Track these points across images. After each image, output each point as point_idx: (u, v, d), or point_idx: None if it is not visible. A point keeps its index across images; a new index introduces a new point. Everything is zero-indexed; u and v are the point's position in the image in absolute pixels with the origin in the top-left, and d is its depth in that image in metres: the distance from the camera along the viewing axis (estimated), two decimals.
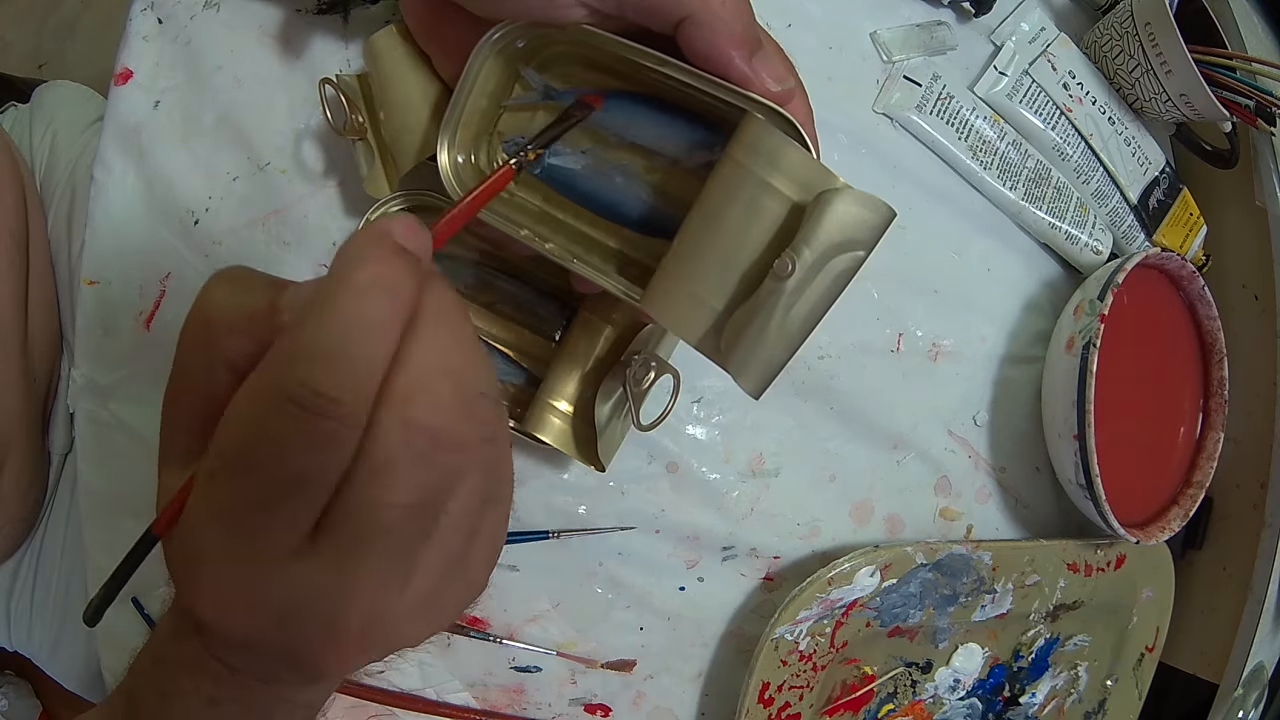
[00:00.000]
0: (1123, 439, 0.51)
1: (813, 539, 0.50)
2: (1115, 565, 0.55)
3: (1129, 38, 0.53)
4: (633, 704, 0.48)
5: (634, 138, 0.34)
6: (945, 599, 0.50)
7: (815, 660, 0.48)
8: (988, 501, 0.54)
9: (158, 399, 0.45)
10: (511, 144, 0.35)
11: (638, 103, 0.33)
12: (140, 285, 0.45)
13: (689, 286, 0.29)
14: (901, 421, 0.51)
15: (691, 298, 0.29)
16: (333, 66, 0.45)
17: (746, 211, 0.28)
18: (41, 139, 0.58)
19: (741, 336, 0.28)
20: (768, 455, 0.48)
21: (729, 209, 0.28)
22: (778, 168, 0.27)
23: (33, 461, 0.53)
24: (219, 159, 0.45)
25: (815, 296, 0.28)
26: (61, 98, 0.62)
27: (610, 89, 0.34)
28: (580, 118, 0.32)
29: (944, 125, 0.51)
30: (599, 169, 0.34)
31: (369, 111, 0.41)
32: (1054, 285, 0.56)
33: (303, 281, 0.23)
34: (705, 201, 0.29)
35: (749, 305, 0.28)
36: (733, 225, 0.28)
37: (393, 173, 0.40)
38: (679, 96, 0.32)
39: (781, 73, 0.29)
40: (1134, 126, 0.57)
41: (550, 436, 0.40)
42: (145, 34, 0.45)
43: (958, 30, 0.53)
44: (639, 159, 0.34)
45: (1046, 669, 0.56)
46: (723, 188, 0.29)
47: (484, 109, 0.34)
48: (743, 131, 0.29)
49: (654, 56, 0.30)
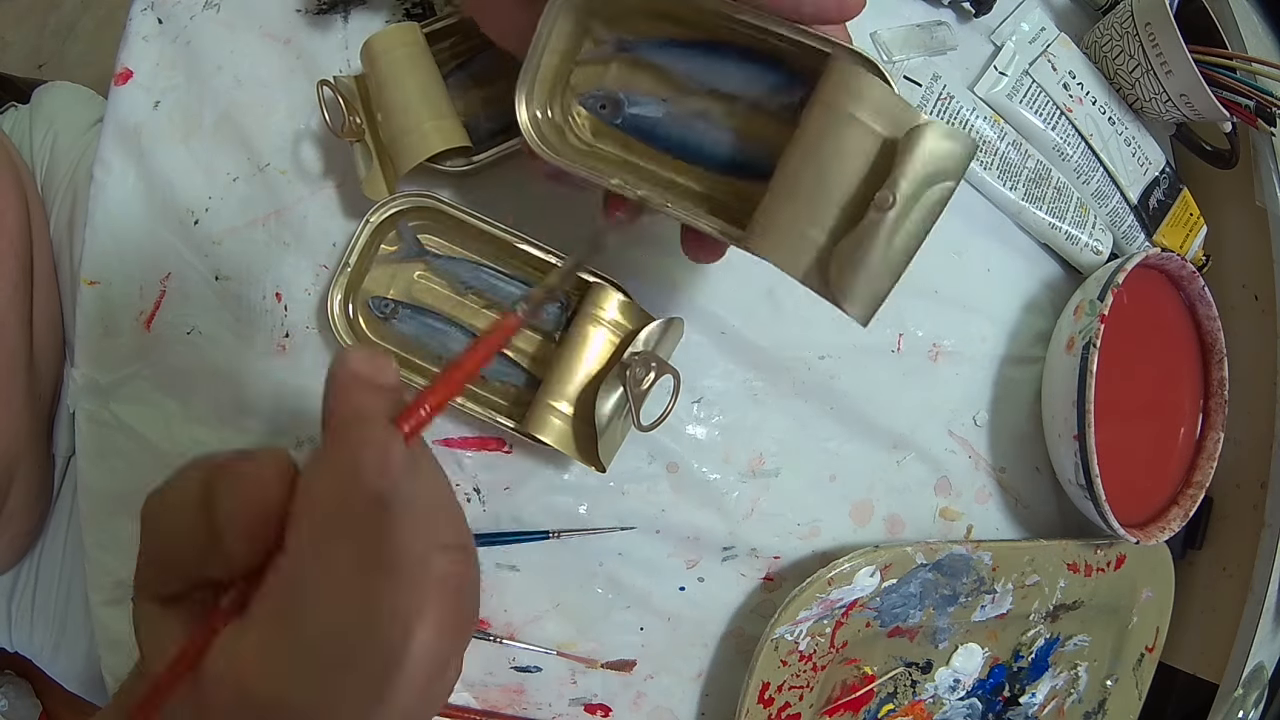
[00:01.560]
0: (1123, 439, 0.51)
1: (813, 539, 0.50)
2: (1115, 565, 0.55)
3: (1129, 38, 0.53)
4: (633, 704, 0.48)
5: (712, 84, 0.34)
6: (945, 599, 0.50)
7: (815, 660, 0.48)
8: (988, 502, 0.54)
9: (158, 399, 0.45)
10: (589, 98, 0.35)
11: (712, 50, 0.34)
12: (140, 285, 0.45)
13: (792, 223, 0.30)
14: (901, 422, 0.51)
15: (795, 233, 0.30)
16: (333, 66, 0.45)
17: (841, 149, 0.30)
18: (42, 142, 0.58)
19: (847, 267, 0.29)
20: (768, 455, 0.48)
21: (824, 148, 0.30)
22: (866, 106, 0.29)
23: (40, 475, 0.53)
24: (219, 159, 0.45)
25: (914, 226, 0.29)
26: (62, 100, 0.62)
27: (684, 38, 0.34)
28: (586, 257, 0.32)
29: None
30: (679, 116, 0.35)
31: (366, 113, 0.41)
32: (1054, 285, 0.56)
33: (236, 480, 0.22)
34: (800, 142, 0.31)
35: (853, 237, 0.29)
36: (829, 163, 0.30)
37: (391, 174, 0.41)
38: (751, 41, 0.33)
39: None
40: (1134, 126, 0.57)
41: (551, 437, 0.41)
42: (145, 34, 0.45)
43: (958, 30, 0.53)
44: (718, 104, 0.35)
45: (1046, 669, 0.56)
46: (817, 128, 0.30)
47: (556, 66, 0.34)
48: (831, 73, 0.30)
49: (728, 4, 0.31)
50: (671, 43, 0.34)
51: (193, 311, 0.45)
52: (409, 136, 0.39)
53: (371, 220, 0.41)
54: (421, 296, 0.44)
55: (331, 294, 0.41)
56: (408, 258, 0.43)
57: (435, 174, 0.42)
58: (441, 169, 0.41)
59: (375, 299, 0.43)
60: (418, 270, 0.44)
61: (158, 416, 0.45)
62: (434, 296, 0.44)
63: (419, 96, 0.39)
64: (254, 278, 0.45)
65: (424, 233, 0.44)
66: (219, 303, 0.45)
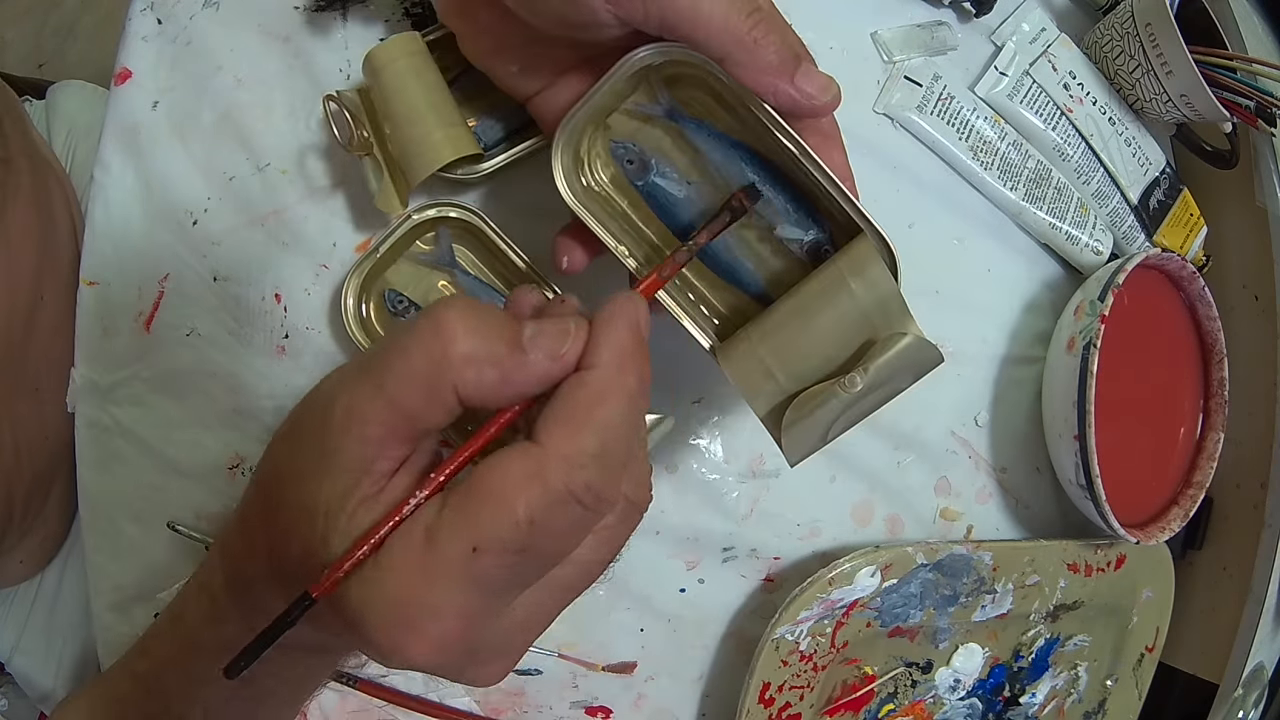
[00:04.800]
0: (1123, 439, 0.51)
1: (813, 539, 0.50)
2: (1115, 565, 0.55)
3: (1129, 38, 0.53)
4: (633, 706, 0.48)
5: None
6: (945, 599, 0.50)
7: (816, 660, 0.48)
8: (988, 502, 0.54)
9: (156, 401, 0.45)
10: (620, 147, 0.36)
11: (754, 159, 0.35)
12: (139, 286, 0.45)
13: (766, 360, 0.33)
14: (902, 422, 0.51)
15: (764, 370, 0.33)
16: (332, 66, 0.45)
17: (835, 318, 0.32)
18: (65, 143, 0.58)
19: (799, 421, 0.33)
20: (768, 455, 0.48)
21: (822, 312, 0.32)
22: (872, 293, 0.32)
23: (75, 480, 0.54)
24: (218, 159, 0.45)
25: (865, 408, 0.33)
26: (79, 101, 0.62)
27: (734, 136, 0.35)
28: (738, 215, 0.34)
29: (944, 125, 0.51)
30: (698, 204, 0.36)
31: (373, 126, 0.40)
32: (1054, 286, 0.56)
33: (543, 324, 0.25)
34: (801, 293, 0.33)
35: (811, 398, 0.32)
36: (820, 326, 0.32)
37: (403, 186, 0.40)
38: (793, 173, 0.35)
39: (824, 83, 0.31)
40: (1134, 127, 0.57)
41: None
42: (145, 34, 0.45)
43: (958, 30, 0.53)
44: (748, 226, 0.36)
45: (1046, 669, 0.56)
46: (820, 288, 0.33)
47: (602, 103, 0.35)
48: (854, 249, 0.32)
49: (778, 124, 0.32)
50: (720, 135, 0.35)
51: (192, 312, 0.45)
52: (420, 146, 0.39)
53: (415, 217, 0.41)
54: None
55: (350, 277, 0.41)
56: (438, 264, 0.43)
57: (446, 182, 0.42)
58: (452, 177, 0.41)
59: (392, 292, 0.43)
60: (442, 279, 0.44)
61: (156, 419, 0.45)
62: None
63: (427, 106, 0.39)
64: (253, 278, 0.45)
65: (459, 242, 0.43)
66: (218, 304, 0.45)
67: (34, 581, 0.58)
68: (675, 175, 0.36)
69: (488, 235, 0.42)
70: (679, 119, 0.35)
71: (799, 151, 0.32)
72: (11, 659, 0.58)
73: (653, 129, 0.36)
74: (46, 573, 0.57)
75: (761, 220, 0.35)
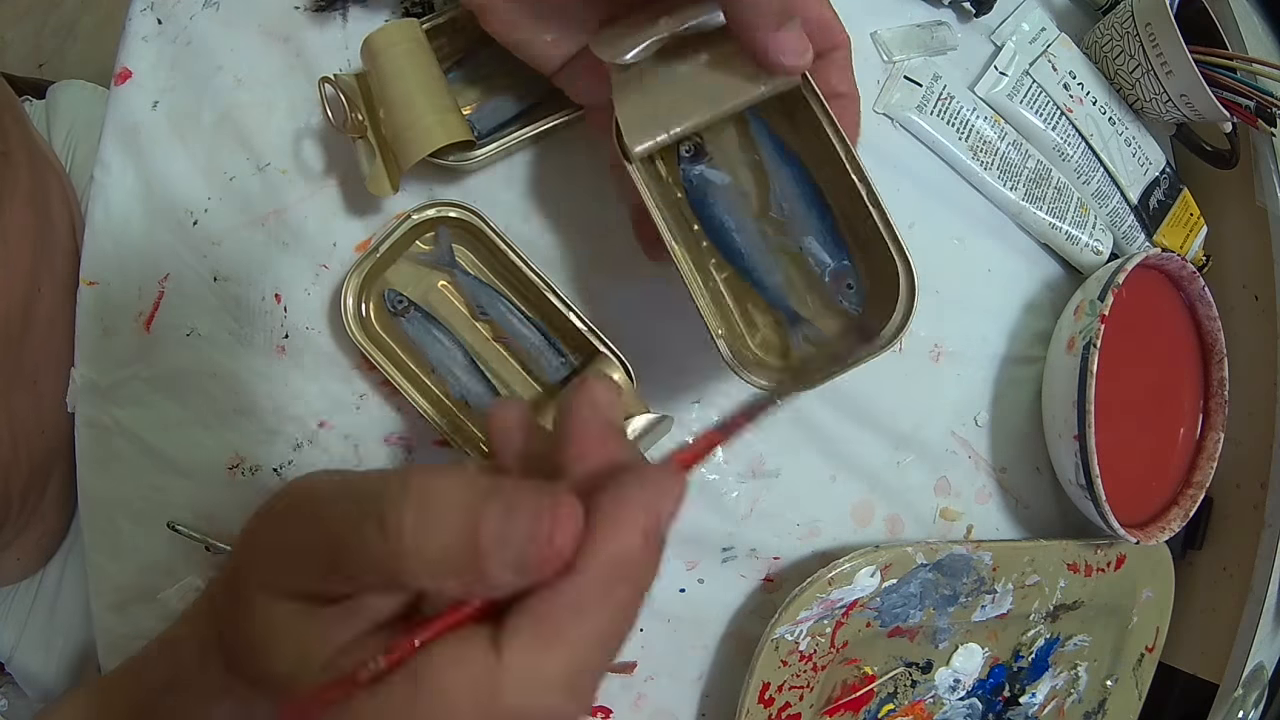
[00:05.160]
0: (1123, 439, 0.51)
1: (813, 539, 0.50)
2: (1115, 565, 0.55)
3: (1129, 38, 0.53)
4: (633, 706, 0.48)
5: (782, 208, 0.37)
6: (945, 599, 0.50)
7: (815, 660, 0.47)
8: (988, 502, 0.54)
9: (157, 402, 0.45)
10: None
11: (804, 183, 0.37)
12: (139, 286, 0.45)
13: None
14: (902, 422, 0.51)
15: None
16: (333, 65, 0.45)
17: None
18: (65, 143, 0.58)
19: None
20: (768, 455, 0.48)
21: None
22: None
23: (73, 476, 0.54)
24: (218, 159, 0.45)
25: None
26: (79, 101, 0.62)
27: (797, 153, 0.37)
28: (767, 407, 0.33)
29: (944, 125, 0.51)
30: (735, 203, 0.37)
31: (369, 110, 0.41)
32: (1054, 285, 0.56)
33: (513, 516, 0.21)
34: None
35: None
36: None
37: (394, 170, 0.40)
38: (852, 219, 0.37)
39: (800, 47, 0.31)
40: (1134, 127, 0.57)
41: None
42: (145, 34, 0.45)
43: (958, 30, 0.53)
44: (771, 225, 0.38)
45: (1046, 669, 0.56)
46: None
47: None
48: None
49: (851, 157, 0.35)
50: (782, 145, 0.36)
51: (192, 312, 0.45)
52: (412, 131, 0.39)
53: (415, 217, 0.41)
54: (437, 306, 0.44)
55: (350, 277, 0.41)
56: (438, 264, 0.43)
57: (439, 170, 0.42)
58: (444, 164, 0.41)
59: (391, 292, 0.43)
60: (442, 279, 0.44)
61: (156, 419, 0.45)
62: (449, 310, 0.44)
63: (421, 91, 0.39)
64: (253, 278, 0.45)
65: (459, 242, 0.43)
66: (218, 304, 0.45)
67: (34, 580, 0.58)
68: (719, 172, 0.37)
69: (487, 235, 0.42)
70: (747, 120, 0.36)
71: (864, 191, 0.34)
72: (11, 658, 0.58)
73: (725, 127, 0.37)
74: (47, 571, 0.57)
75: (792, 229, 0.36)
